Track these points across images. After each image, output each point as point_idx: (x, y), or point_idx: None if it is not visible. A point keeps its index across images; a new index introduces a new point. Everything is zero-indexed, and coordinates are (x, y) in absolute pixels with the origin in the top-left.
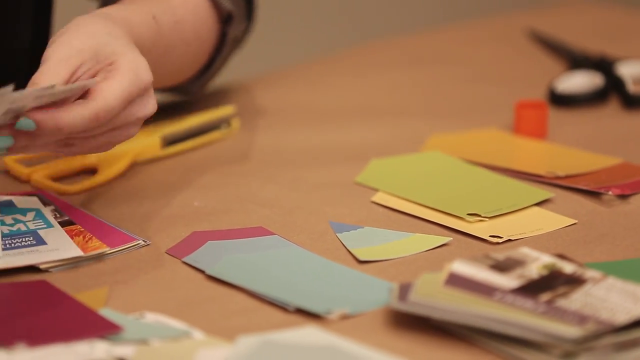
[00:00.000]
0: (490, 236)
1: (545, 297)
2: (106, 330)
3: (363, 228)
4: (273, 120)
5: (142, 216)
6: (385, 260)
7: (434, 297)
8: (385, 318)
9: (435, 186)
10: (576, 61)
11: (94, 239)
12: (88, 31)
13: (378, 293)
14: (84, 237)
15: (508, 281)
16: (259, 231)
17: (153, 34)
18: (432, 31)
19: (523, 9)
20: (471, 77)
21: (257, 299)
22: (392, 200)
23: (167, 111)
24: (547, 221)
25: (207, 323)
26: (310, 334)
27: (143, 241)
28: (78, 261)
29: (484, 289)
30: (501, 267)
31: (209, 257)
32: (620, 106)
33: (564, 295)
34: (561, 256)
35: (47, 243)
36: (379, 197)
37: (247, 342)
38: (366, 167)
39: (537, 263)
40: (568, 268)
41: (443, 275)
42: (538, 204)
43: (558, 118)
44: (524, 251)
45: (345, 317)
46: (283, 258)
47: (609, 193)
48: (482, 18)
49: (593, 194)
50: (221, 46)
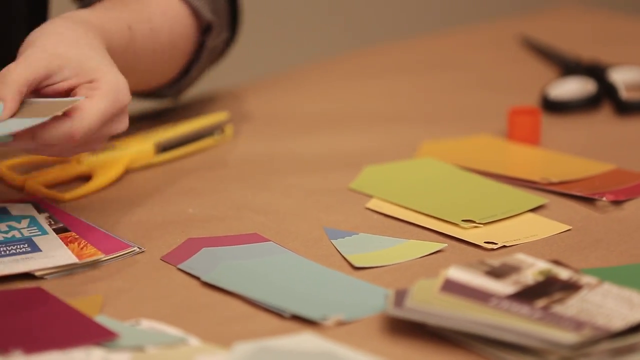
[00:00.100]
0: (485, 242)
1: (541, 303)
2: (102, 337)
3: (358, 234)
4: (267, 126)
5: (137, 223)
6: (380, 266)
7: (430, 304)
8: (381, 324)
9: (429, 193)
10: (568, 67)
11: (89, 246)
12: (70, 39)
13: (373, 299)
14: (79, 244)
15: (504, 287)
16: (254, 238)
17: (125, 43)
18: (425, 38)
19: (515, 16)
20: (464, 84)
21: (253, 306)
22: (387, 206)
23: (161, 118)
24: (542, 227)
25: (203, 329)
26: (306, 340)
27: (138, 248)
28: (73, 268)
29: (480, 295)
30: (497, 273)
31: (204, 264)
32: (612, 112)
33: (560, 301)
34: (557, 262)
35: (42, 250)
36: (373, 204)
37: (243, 349)
38: (360, 174)
39: (533, 269)
40: (564, 274)
41: (439, 281)
42: (532, 210)
43: (551, 124)
44: (520, 257)
45: (341, 324)
46: (278, 264)
47: (603, 199)
48: (474, 25)
49: (587, 200)
50: (199, 55)
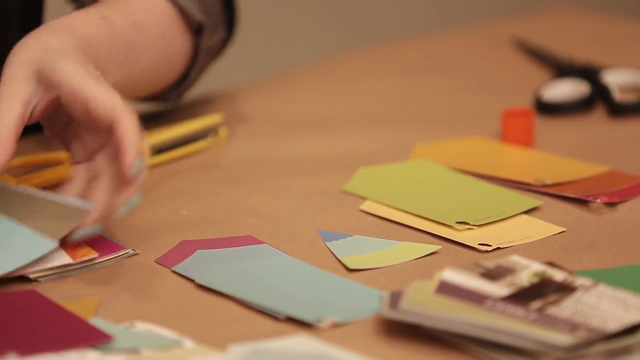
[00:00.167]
0: (479, 244)
1: (536, 305)
2: (97, 339)
3: (352, 236)
4: (261, 128)
5: (131, 225)
6: (374, 268)
7: (425, 305)
8: (376, 326)
9: (423, 194)
10: (562, 69)
11: (83, 245)
12: (27, 58)
13: (368, 301)
14: (72, 243)
15: (498, 289)
16: (248, 240)
17: (104, 33)
18: (418, 40)
19: (508, 18)
20: (458, 85)
21: (247, 308)
22: (381, 208)
23: (155, 120)
24: (536, 229)
25: (198, 332)
26: (301, 342)
27: (132, 250)
28: (67, 269)
29: (475, 297)
30: (491, 275)
31: (199, 266)
32: (606, 114)
33: (555, 303)
34: (551, 264)
35: None
36: (368, 206)
37: (238, 351)
38: (354, 176)
39: (528, 271)
40: (558, 276)
41: (434, 283)
42: (526, 212)
43: (544, 126)
44: (514, 259)
45: (335, 326)
46: (273, 266)
47: (597, 201)
48: (467, 27)
49: (581, 202)
50: (196, 57)
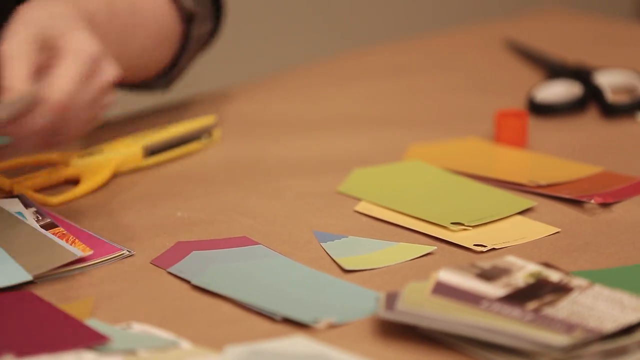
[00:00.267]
0: (474, 245)
1: (532, 306)
2: (93, 340)
3: (347, 237)
4: (254, 129)
5: (126, 226)
6: (370, 269)
7: (421, 306)
8: (372, 327)
9: (418, 195)
10: (554, 70)
11: (78, 242)
12: (31, 19)
13: (364, 302)
14: (67, 240)
15: (494, 290)
16: (243, 241)
17: (105, 11)
18: (410, 41)
19: (499, 19)
20: (451, 86)
21: (244, 309)
22: (376, 209)
23: (149, 121)
24: (531, 230)
25: (194, 333)
26: (297, 343)
27: (127, 251)
28: (62, 271)
29: (471, 298)
30: (487, 276)
31: (194, 267)
32: (599, 115)
33: (551, 303)
34: (547, 264)
35: None
36: (362, 207)
37: (235, 352)
38: (348, 177)
39: (523, 271)
40: (554, 276)
41: (430, 284)
42: (521, 213)
43: (537, 127)
44: (510, 260)
45: (332, 326)
46: (269, 267)
47: (592, 201)
48: (459, 28)
49: (575, 203)
50: (185, 45)
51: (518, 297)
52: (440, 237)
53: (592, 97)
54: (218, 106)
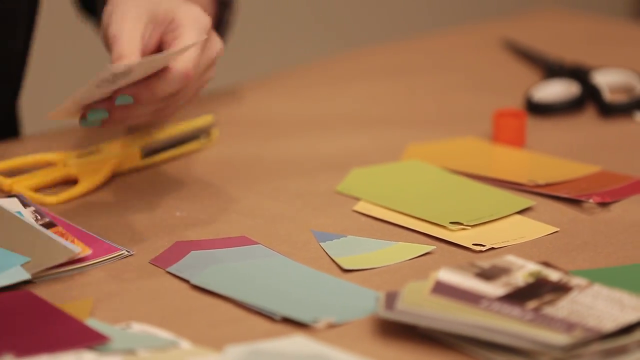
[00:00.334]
0: (473, 244)
1: (531, 305)
2: (93, 340)
3: (346, 237)
4: (253, 129)
5: (124, 226)
6: (369, 269)
7: (421, 306)
8: (371, 326)
9: (416, 195)
10: (551, 70)
11: (77, 241)
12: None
13: (364, 302)
14: (66, 239)
15: (494, 289)
16: (242, 241)
17: None
18: (408, 41)
19: (496, 19)
20: (448, 86)
21: (244, 309)
22: (374, 209)
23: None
24: (530, 229)
25: (194, 333)
26: (297, 343)
27: (127, 251)
28: (61, 271)
29: (471, 297)
30: (487, 275)
31: (193, 267)
32: (596, 114)
33: (551, 302)
34: (546, 264)
35: None
36: (361, 206)
37: (235, 352)
38: (347, 176)
39: (523, 271)
40: (554, 276)
41: (429, 283)
42: (520, 212)
43: (535, 126)
44: (509, 259)
45: (331, 326)
46: (268, 267)
47: (590, 201)
48: (456, 28)
49: (574, 202)
50: (219, 29)
51: (518, 297)
52: (439, 237)
53: (590, 97)
54: (216, 106)
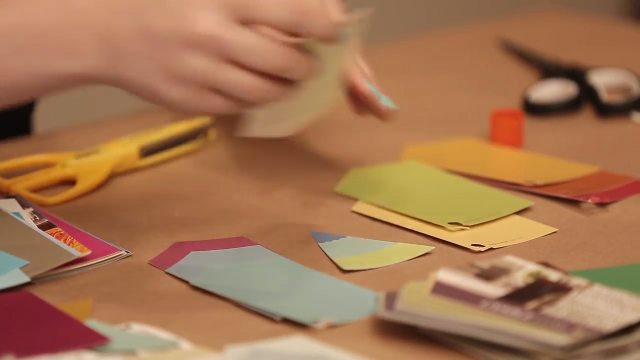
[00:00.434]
0: (472, 245)
1: (531, 305)
2: (93, 341)
3: (345, 238)
4: None
5: (123, 227)
6: (368, 269)
7: (421, 306)
8: (372, 327)
9: (415, 195)
10: (548, 70)
11: (76, 242)
12: None
13: (364, 302)
14: (65, 240)
15: (494, 289)
16: (242, 241)
17: None
18: (404, 41)
19: (492, 19)
20: (445, 87)
21: (243, 309)
22: (373, 209)
23: (145, 121)
24: (528, 229)
25: (194, 333)
26: (298, 343)
27: (126, 252)
28: (61, 271)
29: (471, 298)
30: (486, 276)
31: (193, 268)
32: (594, 115)
33: (551, 303)
34: (545, 264)
35: None
36: (359, 207)
37: (236, 352)
38: (345, 177)
39: (523, 271)
40: (553, 276)
41: (429, 284)
42: (518, 213)
43: (532, 127)
44: (509, 259)
45: (331, 327)
46: (267, 268)
47: (588, 201)
48: (452, 28)
49: (572, 202)
50: None
51: (517, 297)
52: (437, 237)
53: (587, 97)
54: None
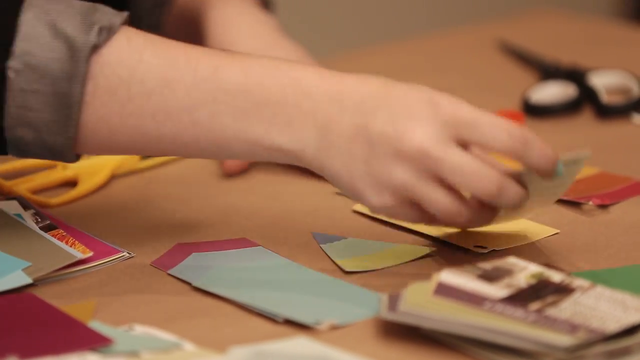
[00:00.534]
0: (474, 246)
1: (534, 306)
2: (97, 342)
3: (347, 239)
4: None
5: (125, 228)
6: (371, 270)
7: (424, 307)
8: (374, 328)
9: None
10: (548, 72)
11: (77, 244)
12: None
13: (366, 303)
14: (67, 242)
15: (497, 290)
16: (243, 242)
17: None
18: (403, 42)
19: (492, 20)
20: (445, 88)
21: (246, 310)
22: None
23: None
24: (530, 231)
25: (197, 334)
26: (300, 344)
27: (127, 253)
28: (63, 273)
29: (473, 299)
30: (489, 277)
31: (195, 269)
32: (593, 116)
33: (554, 304)
34: (548, 265)
35: None
36: (360, 207)
37: (239, 353)
38: None
39: (525, 272)
40: (556, 277)
41: (432, 285)
42: None
43: (533, 128)
44: (511, 261)
45: (334, 328)
46: (269, 269)
47: (590, 203)
48: (452, 29)
49: (573, 204)
50: None
51: (520, 298)
52: (440, 239)
53: (587, 98)
54: None
